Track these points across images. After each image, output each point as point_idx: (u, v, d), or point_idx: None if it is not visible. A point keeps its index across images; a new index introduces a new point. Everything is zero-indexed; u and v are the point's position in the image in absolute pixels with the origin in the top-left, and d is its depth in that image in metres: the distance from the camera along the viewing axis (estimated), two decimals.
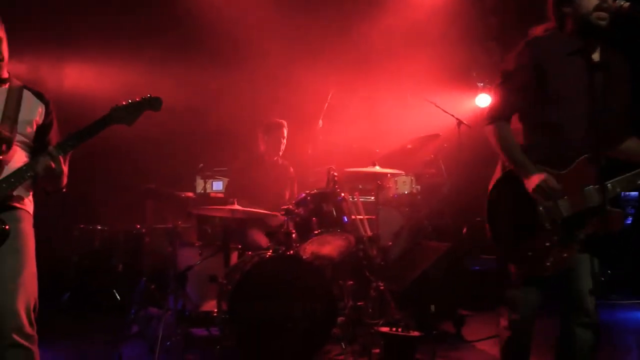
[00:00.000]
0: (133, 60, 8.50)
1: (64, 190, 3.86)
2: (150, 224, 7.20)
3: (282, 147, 7.22)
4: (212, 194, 8.51)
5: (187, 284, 5.99)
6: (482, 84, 10.39)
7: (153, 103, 3.77)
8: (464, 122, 7.99)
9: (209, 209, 6.46)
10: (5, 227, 3.45)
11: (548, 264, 3.53)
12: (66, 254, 8.21)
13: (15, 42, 3.81)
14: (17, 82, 3.82)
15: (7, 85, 3.76)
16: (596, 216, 3.50)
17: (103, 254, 8.24)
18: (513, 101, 3.73)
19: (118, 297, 8.02)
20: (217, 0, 8.86)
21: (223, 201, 6.97)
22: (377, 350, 5.58)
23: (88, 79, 8.77)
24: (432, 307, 6.44)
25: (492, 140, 3.74)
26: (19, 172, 3.53)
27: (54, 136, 3.90)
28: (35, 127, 3.78)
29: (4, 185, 3.50)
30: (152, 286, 6.80)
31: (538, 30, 3.82)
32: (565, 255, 3.52)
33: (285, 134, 7.19)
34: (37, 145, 3.79)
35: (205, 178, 8.60)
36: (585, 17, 3.54)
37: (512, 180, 3.69)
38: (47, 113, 3.87)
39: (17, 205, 3.62)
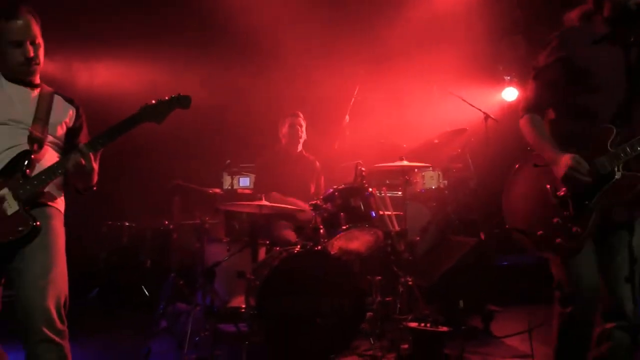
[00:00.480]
0: (159, 59, 8.53)
1: (95, 188, 3.90)
2: (178, 220, 7.22)
3: (301, 136, 7.22)
4: (239, 190, 8.53)
5: (215, 280, 6.00)
6: (508, 78, 10.33)
7: (182, 101, 3.78)
8: (491, 116, 7.93)
9: (237, 205, 6.47)
10: (36, 224, 3.48)
11: (559, 241, 3.49)
12: (95, 250, 8.29)
13: (45, 42, 3.85)
14: (48, 88, 3.91)
15: (38, 90, 3.84)
16: (607, 184, 3.44)
17: (131, 250, 8.32)
18: (545, 95, 3.75)
19: (146, 292, 8.08)
20: None
21: (250, 197, 6.99)
22: (406, 346, 5.57)
23: (116, 77, 8.82)
24: (461, 303, 6.41)
25: (523, 131, 3.78)
26: (50, 170, 3.59)
27: (83, 139, 3.94)
28: (65, 129, 3.87)
29: (35, 182, 3.55)
30: (181, 282, 6.85)
31: (573, 15, 3.81)
32: (575, 229, 3.45)
33: (302, 124, 7.20)
34: (68, 147, 3.86)
35: (232, 174, 8.62)
36: (624, 2, 3.51)
37: (526, 163, 3.76)
38: (77, 117, 3.96)
39: (49, 202, 3.68)
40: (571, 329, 3.61)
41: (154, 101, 3.73)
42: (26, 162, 3.58)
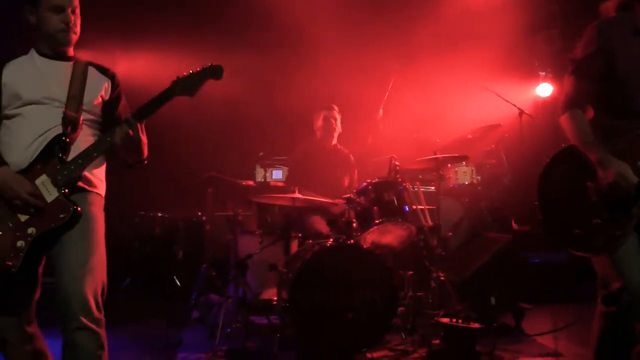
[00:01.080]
0: (194, 50, 8.54)
1: (146, 162, 3.89)
2: (211, 212, 7.28)
3: (335, 129, 7.25)
4: (272, 183, 8.56)
5: (247, 272, 6.03)
6: (544, 73, 10.25)
7: (214, 71, 3.69)
8: (526, 111, 7.89)
9: (270, 197, 6.50)
10: (77, 209, 3.46)
11: (597, 243, 3.39)
12: (128, 240, 8.37)
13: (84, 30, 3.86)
14: (82, 60, 3.85)
15: (72, 64, 3.79)
16: None
17: (163, 240, 8.39)
18: (585, 89, 3.62)
19: (178, 283, 8.15)
20: None
21: (283, 190, 7.00)
22: (437, 341, 5.58)
23: (152, 67, 8.86)
24: (492, 299, 6.39)
25: (565, 129, 3.64)
26: (86, 153, 3.54)
27: (123, 110, 3.92)
28: (101, 102, 3.82)
29: (72, 166, 3.51)
30: (213, 273, 6.89)
31: (610, 4, 3.73)
32: (618, 233, 3.35)
33: (337, 117, 7.23)
34: (106, 121, 3.83)
35: (265, 167, 8.66)
36: None
37: (563, 158, 3.64)
38: (113, 87, 3.91)
39: (87, 187, 3.65)
40: (615, 328, 3.50)
41: (185, 73, 3.67)
42: (61, 146, 3.54)
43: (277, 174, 8.72)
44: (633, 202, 3.35)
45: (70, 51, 3.81)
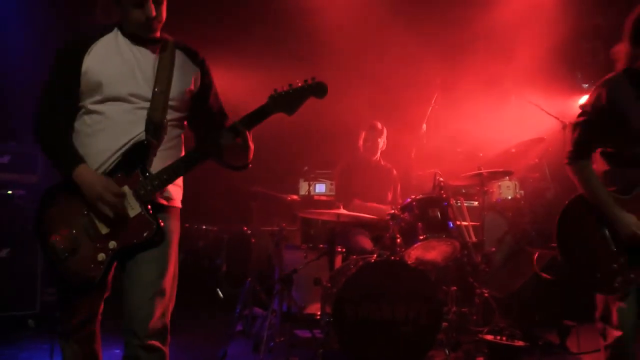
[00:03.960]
0: (239, 65, 8.63)
1: (250, 165, 3.66)
2: (256, 226, 7.34)
3: (380, 148, 7.29)
4: (316, 197, 8.61)
5: (292, 286, 6.06)
6: (586, 85, 10.17)
7: (317, 89, 3.40)
8: (569, 124, 7.83)
9: (314, 212, 6.55)
10: (161, 226, 3.32)
11: (617, 285, 3.61)
12: None
13: None
14: (169, 41, 3.55)
15: (159, 48, 3.50)
16: None
17: (207, 253, 8.47)
18: (592, 140, 3.79)
19: (221, 295, 8.23)
20: (323, 5, 8.93)
21: (327, 204, 7.07)
22: (481, 359, 5.58)
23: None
24: (537, 316, 6.37)
25: (577, 180, 3.81)
26: (172, 169, 3.33)
27: (214, 102, 3.71)
28: (189, 97, 3.56)
29: (156, 182, 3.31)
30: (257, 287, 6.95)
31: (622, 51, 3.85)
32: (632, 276, 3.60)
33: (383, 135, 7.26)
34: (195, 115, 3.63)
35: (309, 180, 8.69)
36: None
37: (581, 204, 3.78)
38: (203, 75, 3.63)
39: (165, 203, 3.47)
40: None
41: (285, 87, 3.37)
42: (144, 156, 3.33)
43: (321, 188, 8.78)
44: None
45: (157, 33, 3.48)
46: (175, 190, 3.56)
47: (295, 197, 7.68)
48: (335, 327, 5.42)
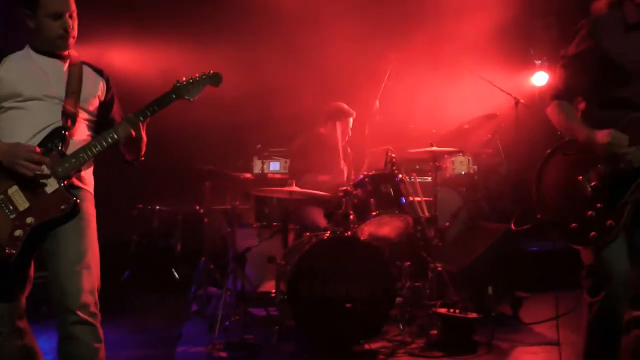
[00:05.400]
0: (186, 42, 8.55)
1: (142, 159, 3.96)
2: (209, 205, 7.30)
3: (346, 138, 7.28)
4: (270, 175, 8.60)
5: (245, 265, 6.07)
6: (539, 62, 10.27)
7: (213, 78, 3.82)
8: (522, 101, 7.90)
9: (268, 190, 6.55)
10: (77, 201, 3.52)
11: (592, 234, 3.48)
12: (126, 233, 8.42)
13: None
14: (76, 59, 3.87)
15: (68, 62, 3.81)
16: None
17: (162, 234, 8.44)
18: (575, 83, 3.71)
19: (177, 276, 8.21)
20: None
21: (281, 182, 7.06)
22: (435, 332, 5.62)
23: (138, 61, 8.87)
24: (490, 289, 6.43)
25: (552, 117, 3.76)
26: (87, 148, 3.59)
27: (116, 112, 3.97)
28: (97, 103, 3.86)
29: (73, 159, 3.56)
30: (211, 266, 6.94)
31: (602, 2, 3.77)
32: (609, 223, 3.44)
33: (351, 124, 7.25)
34: (100, 122, 3.87)
35: (262, 159, 8.68)
36: None
37: (557, 153, 3.74)
38: (108, 89, 3.95)
39: (80, 184, 3.69)
40: (602, 319, 3.56)
41: (184, 79, 3.77)
42: (61, 139, 3.58)
43: (275, 166, 8.75)
44: (624, 190, 3.44)
45: (67, 51, 3.83)
46: (88, 175, 3.81)
47: (248, 175, 7.67)
48: (290, 305, 5.44)
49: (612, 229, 3.44)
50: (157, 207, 8.46)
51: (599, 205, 3.50)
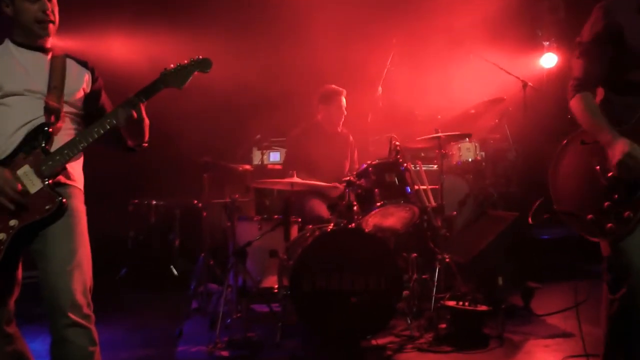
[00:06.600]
0: (184, 34, 8.51)
1: (146, 144, 3.91)
2: (207, 199, 7.26)
3: (343, 118, 7.21)
4: (270, 166, 8.57)
5: (246, 260, 6.04)
6: (547, 43, 10.22)
7: (202, 64, 3.73)
8: (530, 83, 7.86)
9: (268, 182, 6.52)
10: (63, 200, 3.46)
11: (609, 226, 3.42)
12: (122, 229, 8.40)
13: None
14: (59, 51, 3.83)
15: (50, 55, 3.77)
16: None
17: (159, 229, 8.42)
18: (595, 71, 3.63)
19: (175, 272, 8.20)
20: None
21: (281, 173, 7.02)
22: (444, 325, 5.61)
23: (132, 52, 8.85)
24: (500, 280, 6.41)
25: (575, 112, 3.66)
26: (72, 144, 3.53)
27: (106, 102, 3.94)
28: (83, 95, 3.81)
29: (57, 157, 3.50)
30: (211, 262, 6.92)
31: None
32: (627, 214, 3.37)
33: (344, 103, 7.17)
34: (88, 114, 3.83)
35: (262, 149, 8.65)
36: None
37: (574, 141, 3.69)
38: (94, 80, 3.90)
39: (68, 181, 3.64)
40: (624, 316, 3.52)
41: (172, 65, 3.70)
42: (44, 136, 3.53)
43: (275, 157, 8.74)
44: None
45: (48, 42, 3.79)
46: (76, 171, 3.76)
47: (248, 166, 7.64)
48: (294, 300, 5.41)
49: (630, 221, 3.37)
50: (154, 202, 8.43)
51: (616, 196, 3.43)
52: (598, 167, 3.52)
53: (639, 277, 3.41)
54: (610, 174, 3.46)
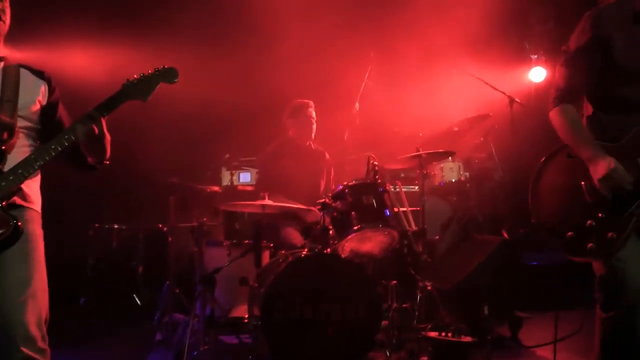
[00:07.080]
0: (147, 46, 8.50)
1: (108, 162, 3.85)
2: (173, 222, 7.24)
3: (313, 129, 7.25)
4: (240, 187, 8.55)
5: (215, 288, 6.03)
6: (535, 56, 10.31)
7: (167, 74, 3.71)
8: (517, 99, 7.91)
9: (238, 205, 6.52)
10: (18, 224, 3.37)
11: (590, 246, 3.43)
12: (81, 255, 8.36)
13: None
14: (12, 61, 3.77)
15: (2, 64, 3.70)
16: None
17: (121, 255, 8.39)
18: (578, 81, 3.69)
19: (139, 302, 8.16)
20: None
21: (252, 195, 7.03)
22: (425, 358, 5.62)
23: (94, 64, 8.83)
24: (486, 309, 6.43)
25: (555, 125, 3.71)
26: (27, 163, 3.46)
27: (64, 115, 3.88)
28: (39, 108, 3.73)
29: (10, 177, 3.42)
30: (177, 290, 6.90)
31: None
32: (610, 234, 3.40)
33: (314, 114, 7.21)
34: (45, 128, 3.75)
35: (231, 169, 8.63)
36: None
37: (560, 153, 3.71)
38: (51, 91, 3.83)
39: (24, 203, 3.56)
40: (617, 336, 3.53)
41: (136, 76, 3.68)
42: None
43: (245, 177, 8.72)
44: (630, 200, 3.41)
45: (0, 50, 3.73)
46: (33, 191, 3.67)
47: (216, 188, 7.63)
48: (265, 331, 5.39)
49: (613, 242, 3.40)
50: (116, 226, 8.42)
51: (600, 214, 3.47)
52: (583, 183, 3.55)
53: (631, 295, 3.43)
54: (596, 191, 3.48)
